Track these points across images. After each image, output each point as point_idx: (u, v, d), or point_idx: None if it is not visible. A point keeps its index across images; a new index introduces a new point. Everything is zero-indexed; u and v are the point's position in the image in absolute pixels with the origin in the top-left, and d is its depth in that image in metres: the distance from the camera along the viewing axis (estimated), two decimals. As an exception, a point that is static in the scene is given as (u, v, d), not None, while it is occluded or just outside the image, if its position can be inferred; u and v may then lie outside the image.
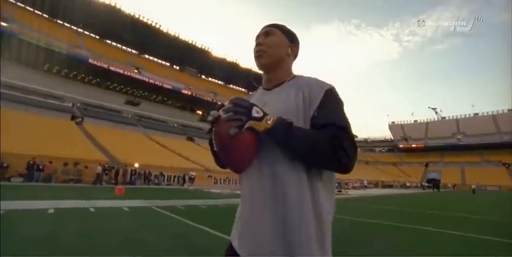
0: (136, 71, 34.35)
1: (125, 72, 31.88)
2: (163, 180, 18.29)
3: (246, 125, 0.70)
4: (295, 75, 0.89)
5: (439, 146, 57.05)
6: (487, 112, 60.29)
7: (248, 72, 47.68)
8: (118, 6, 32.22)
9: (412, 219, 7.00)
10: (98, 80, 32.37)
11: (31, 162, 12.88)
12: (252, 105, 0.72)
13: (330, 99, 0.77)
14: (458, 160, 52.41)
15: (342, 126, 0.72)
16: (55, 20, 32.83)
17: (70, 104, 27.80)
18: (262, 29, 0.92)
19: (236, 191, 16.34)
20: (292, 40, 0.91)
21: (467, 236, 4.91)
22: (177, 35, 38.56)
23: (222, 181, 21.71)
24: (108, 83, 33.28)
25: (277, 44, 0.88)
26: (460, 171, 48.88)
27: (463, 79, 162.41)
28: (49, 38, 26.36)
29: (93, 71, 30.14)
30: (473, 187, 29.46)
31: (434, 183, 33.25)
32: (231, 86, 54.00)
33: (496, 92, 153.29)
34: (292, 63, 0.92)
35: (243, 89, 55.45)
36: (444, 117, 66.27)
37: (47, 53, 25.53)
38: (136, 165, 17.24)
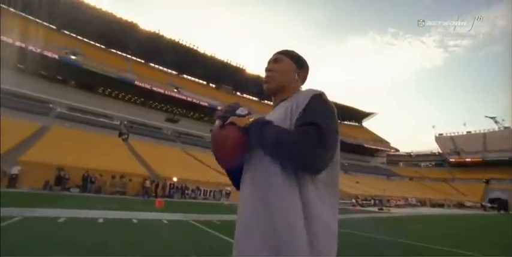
0: (175, 90, 36.86)
1: (166, 92, 34.40)
2: (200, 194, 18.79)
3: (229, 120, 0.82)
4: (297, 91, 0.94)
5: (503, 160, 49.97)
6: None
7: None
8: (161, 33, 35.63)
9: (472, 244, 6.22)
10: (142, 99, 35.36)
11: (85, 175, 14.30)
12: (239, 106, 0.87)
13: (315, 103, 0.80)
14: (528, 176, 45.30)
15: (316, 124, 0.72)
16: (110, 49, 37.31)
17: (118, 122, 30.59)
18: (272, 56, 0.99)
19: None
20: (300, 66, 0.97)
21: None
22: (213, 55, 41.01)
23: (257, 196, 21.59)
24: (151, 102, 36.13)
25: (284, 70, 0.94)
26: (531, 189, 42.18)
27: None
28: (103, 64, 29.91)
29: (138, 91, 33.11)
30: None
31: (500, 203, 28.98)
32: (265, 101, 54.93)
33: None
34: (299, 86, 0.97)
35: (276, 104, 55.94)
36: (508, 127, 58.12)
37: (101, 77, 28.88)
38: (175, 179, 18.06)
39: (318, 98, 0.82)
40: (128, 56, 39.43)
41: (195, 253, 3.83)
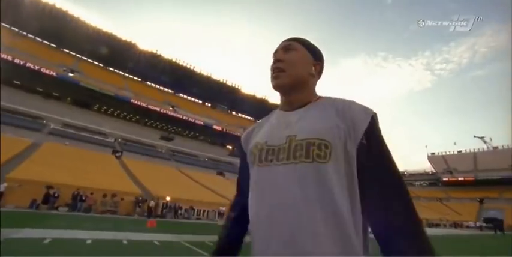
0: (171, 108, 37.13)
1: (161, 110, 34.61)
2: (193, 214, 18.27)
3: None
4: (320, 96, 0.75)
5: (495, 180, 50.47)
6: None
7: (277, 107, 49.06)
8: (159, 53, 36.59)
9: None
10: (137, 117, 35.38)
11: (75, 193, 13.84)
12: None
13: (378, 127, 0.65)
14: (522, 196, 45.50)
15: (404, 187, 0.62)
16: (108, 67, 37.96)
17: (112, 140, 30.27)
18: (281, 43, 0.77)
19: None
20: (317, 57, 0.77)
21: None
22: (209, 75, 41.92)
23: (251, 216, 21.06)
24: (146, 120, 36.18)
25: (299, 61, 0.73)
26: (526, 209, 42.10)
27: (509, 104, 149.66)
28: (100, 82, 30.25)
29: (134, 109, 33.24)
30: None
31: (496, 224, 28.60)
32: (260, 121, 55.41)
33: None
34: (316, 83, 0.77)
35: (271, 123, 56.38)
36: (496, 147, 59.68)
37: (97, 95, 29.08)
38: (168, 198, 17.61)
39: (377, 119, 0.66)
40: (126, 74, 40.08)
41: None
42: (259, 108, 48.38)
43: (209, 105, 49.54)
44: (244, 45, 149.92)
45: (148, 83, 42.76)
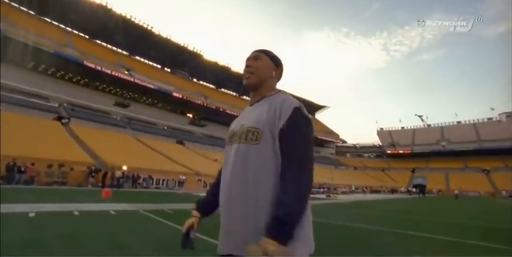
0: (126, 72, 33.92)
1: (115, 73, 31.40)
2: (152, 183, 17.99)
3: None
4: (275, 92, 1.02)
5: (425, 153, 58.48)
6: (469, 121, 63.08)
7: (240, 76, 47.89)
8: (109, 6, 31.94)
9: (396, 224, 7.13)
10: (86, 80, 31.71)
11: (11, 163, 12.42)
12: None
13: (299, 116, 0.90)
14: (443, 166, 53.76)
15: (308, 162, 0.86)
16: (43, 17, 32.13)
17: (56, 104, 27.08)
18: (252, 53, 1.06)
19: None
20: (277, 64, 1.06)
21: (453, 241, 5.03)
22: (168, 37, 38.47)
23: (212, 185, 21.54)
24: (97, 83, 32.62)
25: (263, 67, 1.03)
26: (445, 177, 50.11)
27: (446, 89, 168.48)
28: (36, 36, 25.73)
29: (81, 71, 29.53)
30: (456, 192, 30.31)
31: (420, 188, 33.87)
32: (222, 89, 54.00)
33: (477, 102, 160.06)
34: (275, 83, 1.07)
35: (234, 93, 55.52)
36: (430, 125, 68.41)
37: (33, 51, 24.89)
38: (125, 168, 16.90)
39: (301, 110, 0.92)
40: (68, 28, 34.67)
41: (143, 242, 3.65)
42: (221, 75, 46.82)
43: (168, 70, 46.40)
44: (207, 11, 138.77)
45: (98, 41, 37.87)
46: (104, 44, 38.50)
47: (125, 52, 40.83)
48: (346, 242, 4.51)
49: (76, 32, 35.55)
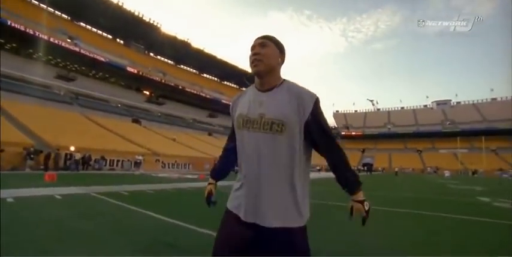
0: (69, 40, 29.86)
1: (54, 40, 27.42)
2: (105, 165, 16.84)
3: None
4: (283, 80, 1.08)
5: (374, 135, 64.33)
6: (410, 107, 71.23)
7: (200, 53, 45.63)
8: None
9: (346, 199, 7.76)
10: (14, 45, 27.09)
11: None
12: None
13: (319, 107, 1.02)
14: (387, 146, 60.05)
15: (336, 140, 1.08)
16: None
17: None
18: (257, 40, 1.09)
19: (185, 175, 15.95)
20: (281, 51, 1.10)
21: (387, 210, 5.65)
22: (120, 4, 34.42)
23: (170, 165, 21.00)
24: (30, 50, 28.15)
25: (271, 55, 1.06)
26: (388, 156, 56.09)
27: (394, 76, 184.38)
28: None
29: (7, 33, 25.00)
30: (396, 169, 34.86)
31: (368, 167, 37.61)
32: (182, 66, 51.18)
33: (418, 90, 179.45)
34: (280, 70, 1.10)
35: (194, 71, 53.07)
36: (379, 109, 74.95)
37: None
38: (72, 148, 15.40)
39: (319, 102, 1.03)
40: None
41: (95, 227, 3.37)
42: (181, 51, 44.11)
43: (121, 42, 42.14)
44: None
45: None
46: (37, 2, 32.91)
47: (65, 16, 35.64)
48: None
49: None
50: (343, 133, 68.43)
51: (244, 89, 1.20)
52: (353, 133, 67.47)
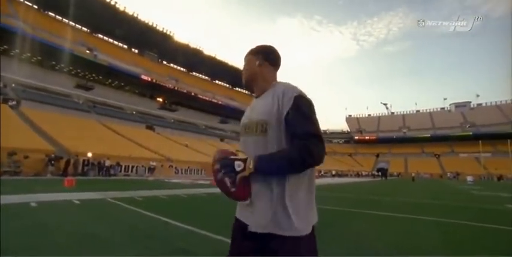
0: (88, 51, 31.15)
1: (75, 52, 28.70)
2: (120, 171, 17.23)
3: (237, 179, 0.95)
4: (275, 83, 1.10)
5: (388, 139, 62.74)
6: (426, 110, 69.15)
7: (212, 59, 46.37)
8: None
9: (361, 205, 7.59)
10: (38, 57, 28.54)
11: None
12: (233, 161, 0.97)
13: (301, 103, 0.97)
14: (403, 151, 58.32)
15: (311, 133, 0.92)
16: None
17: (0, 84, 24.21)
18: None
19: (197, 181, 16.07)
20: (265, 58, 1.13)
21: (406, 217, 5.45)
22: (135, 15, 35.72)
23: (183, 171, 21.21)
24: (53, 62, 29.56)
25: (248, 67, 1.14)
26: (404, 161, 54.46)
27: (408, 79, 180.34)
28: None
29: (31, 46, 26.35)
30: (413, 175, 33.62)
31: (383, 172, 36.52)
32: (194, 73, 52.16)
33: (433, 92, 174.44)
34: (271, 73, 1.13)
35: (206, 77, 53.93)
36: (393, 113, 73.27)
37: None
38: (90, 155, 15.89)
39: (302, 96, 0.99)
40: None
41: (112, 231, 3.44)
42: (193, 58, 45.00)
43: (136, 51, 43.52)
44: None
45: (51, 13, 33.97)
46: (58, 17, 34.64)
47: (85, 29, 37.31)
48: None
49: (22, 1, 31.34)
50: (356, 137, 67.24)
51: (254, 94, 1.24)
52: (366, 137, 66.16)
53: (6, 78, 24.61)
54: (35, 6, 32.26)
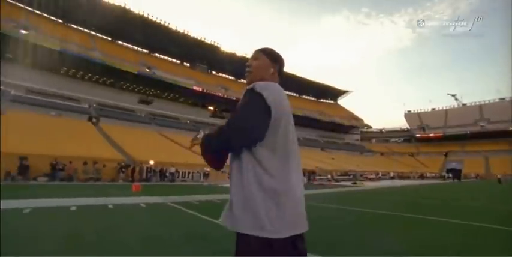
0: (147, 70, 34.96)
1: (137, 72, 32.52)
2: (178, 176, 18.73)
3: (198, 142, 1.11)
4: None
5: (460, 135, 54.55)
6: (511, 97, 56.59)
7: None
8: (127, 7, 32.75)
9: (425, 209, 6.83)
10: (111, 80, 33.18)
11: (53, 162, 13.54)
12: (200, 132, 1.14)
13: (245, 95, 1.01)
14: (482, 148, 49.86)
15: (227, 121, 0.98)
16: (67, 23, 33.73)
17: (86, 105, 28.76)
18: (252, 53, 1.18)
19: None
20: (274, 61, 1.14)
21: (470, 224, 4.73)
22: (186, 33, 38.85)
23: (236, 175, 21.92)
24: (121, 83, 34.04)
25: (261, 67, 1.12)
26: (484, 160, 46.79)
27: (485, 62, 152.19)
28: (63, 41, 27.18)
29: (106, 72, 30.91)
30: (498, 176, 27.82)
31: (455, 173, 32.02)
32: (242, 80, 53.96)
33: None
34: (276, 80, 1.14)
35: (253, 84, 55.21)
36: (465, 104, 63.00)
37: (61, 56, 26.36)
38: (152, 162, 17.73)
39: (248, 92, 1.01)
40: (92, 32, 36.17)
41: (172, 232, 3.83)
42: (239, 66, 46.55)
43: (188, 65, 47.09)
44: (220, 3, 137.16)
45: (119, 42, 39.18)
46: (125, 44, 39.76)
47: (145, 50, 41.94)
48: (343, 225, 4.41)
49: (99, 35, 36.94)
50: (418, 135, 60.44)
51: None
52: (431, 135, 58.84)
53: (90, 100, 29.31)
54: (109, 38, 37.73)
